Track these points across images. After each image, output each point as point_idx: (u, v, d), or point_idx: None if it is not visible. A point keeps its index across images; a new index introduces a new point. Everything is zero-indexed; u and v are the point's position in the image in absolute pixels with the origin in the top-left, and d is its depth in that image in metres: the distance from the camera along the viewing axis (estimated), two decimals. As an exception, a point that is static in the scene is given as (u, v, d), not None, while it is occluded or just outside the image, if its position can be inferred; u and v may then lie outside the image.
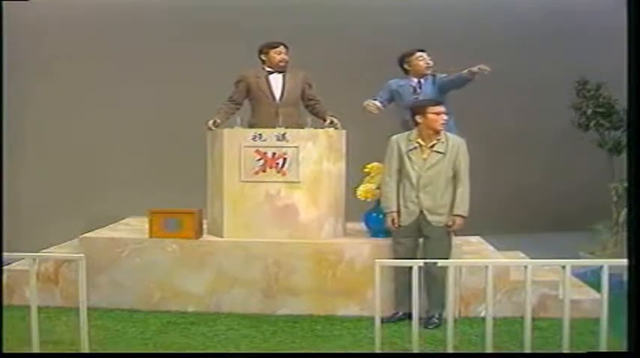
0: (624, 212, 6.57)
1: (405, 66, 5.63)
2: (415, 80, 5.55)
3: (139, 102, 8.00)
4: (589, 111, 7.00)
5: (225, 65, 6.34)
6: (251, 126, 5.51)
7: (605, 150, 7.09)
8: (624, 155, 6.76)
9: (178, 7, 8.02)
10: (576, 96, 7.18)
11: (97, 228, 5.79)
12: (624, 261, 3.43)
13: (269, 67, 5.60)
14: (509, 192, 8.43)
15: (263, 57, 5.63)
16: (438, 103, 4.83)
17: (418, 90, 5.51)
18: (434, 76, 5.58)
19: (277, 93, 5.58)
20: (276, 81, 5.58)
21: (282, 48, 5.58)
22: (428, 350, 4.10)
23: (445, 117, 4.76)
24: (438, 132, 4.75)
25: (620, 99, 6.64)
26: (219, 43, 7.78)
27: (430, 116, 4.71)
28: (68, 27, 7.94)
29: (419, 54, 5.57)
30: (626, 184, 6.35)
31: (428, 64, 5.56)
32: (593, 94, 7.02)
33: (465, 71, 5.30)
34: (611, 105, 6.94)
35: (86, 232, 5.56)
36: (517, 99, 8.53)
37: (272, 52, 5.58)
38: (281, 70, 5.59)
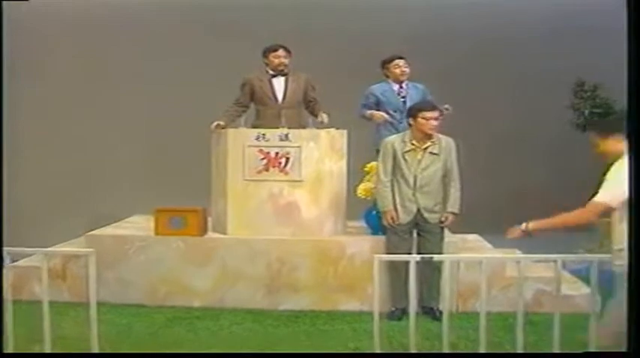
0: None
1: (385, 72, 5.79)
2: (397, 86, 5.70)
3: (143, 102, 8.07)
4: (586, 112, 7.10)
5: (229, 65, 6.45)
6: (255, 127, 5.62)
7: (602, 150, 7.17)
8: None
9: (183, 7, 8.09)
10: (574, 97, 7.27)
11: (100, 227, 5.90)
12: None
13: (271, 70, 5.71)
14: (509, 191, 8.50)
15: (265, 60, 5.74)
16: (432, 108, 4.92)
17: (403, 94, 5.67)
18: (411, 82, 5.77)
19: (280, 96, 5.69)
20: (278, 83, 5.69)
21: (281, 51, 5.67)
22: (426, 343, 4.19)
23: (435, 122, 4.86)
24: (428, 136, 4.87)
25: (619, 99, 6.72)
26: (224, 43, 7.85)
27: (420, 120, 4.82)
28: (71, 26, 8.00)
29: (396, 61, 5.73)
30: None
31: (403, 71, 5.72)
32: (590, 95, 7.13)
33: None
34: (608, 105, 7.04)
35: (90, 231, 5.66)
36: (517, 99, 8.60)
37: (271, 56, 5.68)
38: (282, 73, 5.69)
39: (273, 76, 5.70)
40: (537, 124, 8.55)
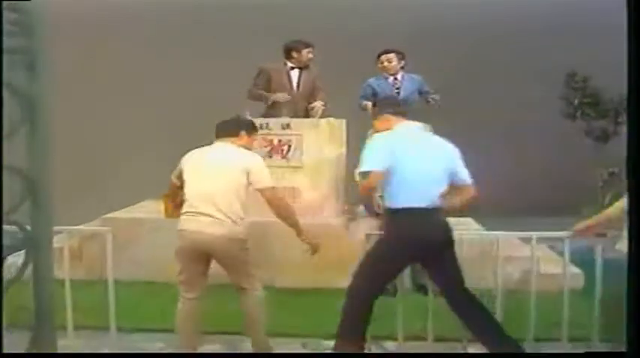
0: (609, 196, 6.95)
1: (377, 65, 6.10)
2: (391, 77, 6.00)
3: (149, 99, 8.30)
4: (576, 102, 7.35)
5: (230, 63, 6.71)
6: (267, 115, 5.92)
7: (591, 139, 7.43)
8: (610, 144, 7.11)
9: (183, 7, 8.29)
10: (564, 87, 7.51)
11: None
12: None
13: (296, 63, 6.04)
14: (505, 180, 8.73)
15: (294, 54, 6.05)
16: (373, 105, 5.21)
17: (398, 85, 5.98)
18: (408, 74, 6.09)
19: (295, 86, 6.04)
20: (295, 75, 6.04)
21: (311, 48, 6.06)
22: (415, 316, 4.47)
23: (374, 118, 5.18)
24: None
25: (610, 91, 6.93)
26: (224, 42, 8.09)
27: None
28: (71, 26, 8.20)
29: (381, 57, 6.04)
30: (611, 170, 6.75)
31: (384, 66, 6.02)
32: (580, 86, 7.38)
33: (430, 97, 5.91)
34: (597, 96, 7.29)
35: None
36: (513, 91, 8.81)
37: (305, 51, 6.03)
38: (306, 67, 6.04)
39: (292, 68, 6.03)
40: (536, 119, 8.77)
